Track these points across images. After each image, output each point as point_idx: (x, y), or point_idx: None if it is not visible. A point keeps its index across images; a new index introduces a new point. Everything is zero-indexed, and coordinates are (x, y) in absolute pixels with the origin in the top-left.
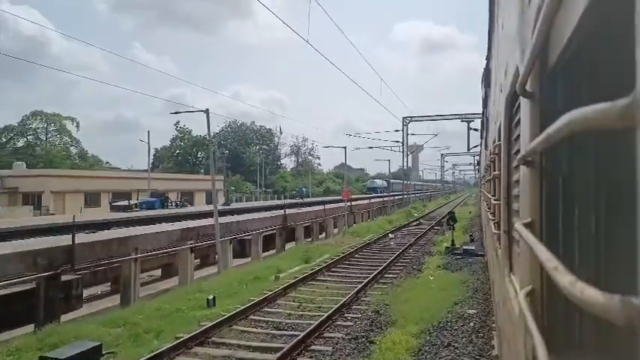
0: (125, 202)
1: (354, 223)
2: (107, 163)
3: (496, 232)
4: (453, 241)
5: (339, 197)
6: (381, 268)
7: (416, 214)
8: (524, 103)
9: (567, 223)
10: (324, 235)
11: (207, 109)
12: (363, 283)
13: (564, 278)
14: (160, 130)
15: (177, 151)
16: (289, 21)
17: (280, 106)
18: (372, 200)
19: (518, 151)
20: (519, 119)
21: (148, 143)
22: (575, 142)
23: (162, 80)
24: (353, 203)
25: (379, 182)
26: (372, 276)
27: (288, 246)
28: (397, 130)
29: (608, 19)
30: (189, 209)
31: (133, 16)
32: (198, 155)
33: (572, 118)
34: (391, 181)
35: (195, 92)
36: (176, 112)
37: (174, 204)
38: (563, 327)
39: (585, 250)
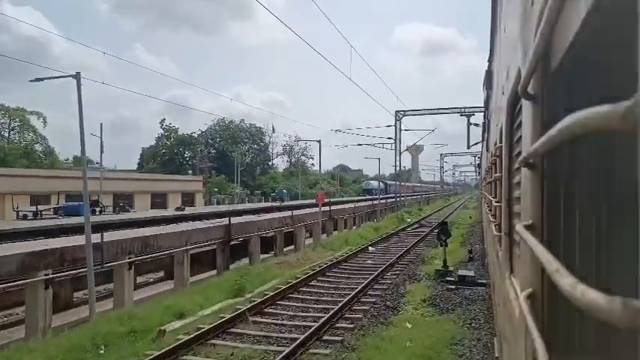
0: (33, 208)
1: (336, 230)
2: (97, 162)
3: (497, 233)
4: (445, 261)
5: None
6: (337, 308)
7: (409, 220)
8: (525, 106)
9: (568, 226)
10: (293, 247)
11: (79, 73)
12: (296, 342)
13: (565, 280)
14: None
15: (163, 150)
16: (288, 21)
17: (281, 107)
18: (359, 204)
19: (519, 153)
20: (521, 121)
21: (101, 138)
22: (576, 144)
23: (163, 81)
24: (334, 207)
25: (375, 184)
26: (318, 324)
27: (244, 261)
28: (389, 126)
29: (610, 21)
30: (126, 216)
31: (134, 17)
32: (185, 155)
33: (574, 120)
34: (388, 182)
35: (198, 94)
36: (35, 80)
37: (111, 208)
38: (564, 329)
39: (586, 252)
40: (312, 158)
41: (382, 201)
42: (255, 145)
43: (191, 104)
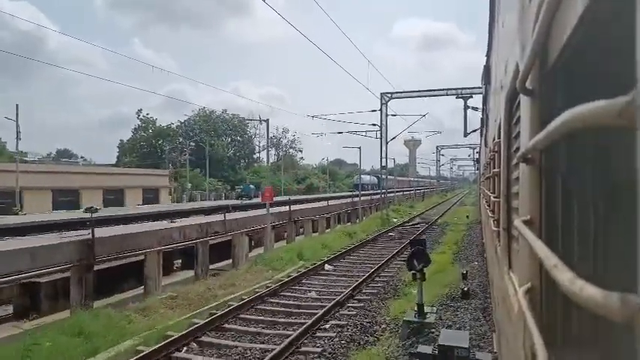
0: None
1: (301, 235)
2: (82, 157)
3: (495, 229)
4: (421, 307)
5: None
6: None
7: (395, 220)
8: (524, 101)
9: (567, 221)
10: (232, 261)
11: None
12: None
13: (563, 276)
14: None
15: (141, 143)
16: (287, 16)
17: (280, 103)
18: (333, 202)
19: (517, 148)
20: (519, 117)
21: (17, 121)
22: (575, 139)
23: (161, 77)
24: (298, 207)
25: (367, 178)
26: None
27: (129, 294)
28: (374, 110)
29: (608, 16)
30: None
31: (132, 13)
32: (165, 147)
33: (572, 115)
34: (381, 177)
35: (196, 88)
36: None
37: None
38: (563, 324)
39: (584, 247)
40: (301, 151)
41: (367, 197)
42: (239, 137)
43: (190, 99)
